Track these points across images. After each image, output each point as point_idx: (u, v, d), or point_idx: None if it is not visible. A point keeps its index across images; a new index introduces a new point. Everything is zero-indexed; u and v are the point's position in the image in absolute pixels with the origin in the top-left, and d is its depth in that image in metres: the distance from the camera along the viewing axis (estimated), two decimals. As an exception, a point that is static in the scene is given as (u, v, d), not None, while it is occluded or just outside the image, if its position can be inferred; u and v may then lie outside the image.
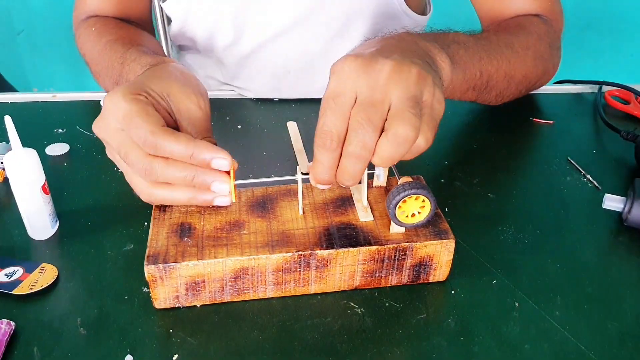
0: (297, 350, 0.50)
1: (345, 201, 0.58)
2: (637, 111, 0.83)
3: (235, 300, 0.54)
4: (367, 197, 0.58)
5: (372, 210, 0.57)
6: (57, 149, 0.74)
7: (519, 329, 0.52)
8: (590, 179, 0.71)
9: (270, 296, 0.55)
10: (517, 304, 0.55)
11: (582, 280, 0.57)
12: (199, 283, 0.52)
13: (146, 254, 0.52)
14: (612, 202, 0.63)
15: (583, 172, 0.72)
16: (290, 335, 0.51)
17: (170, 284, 0.52)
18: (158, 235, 0.54)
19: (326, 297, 0.55)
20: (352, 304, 0.54)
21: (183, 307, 0.54)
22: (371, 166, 0.58)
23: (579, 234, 0.63)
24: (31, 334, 0.51)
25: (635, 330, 0.53)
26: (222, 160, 0.50)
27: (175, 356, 0.49)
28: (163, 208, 0.57)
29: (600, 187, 0.69)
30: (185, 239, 0.53)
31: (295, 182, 0.55)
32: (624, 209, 0.62)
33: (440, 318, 0.53)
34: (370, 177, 0.59)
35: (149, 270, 0.51)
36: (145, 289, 0.55)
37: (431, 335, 0.52)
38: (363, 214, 0.56)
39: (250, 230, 0.54)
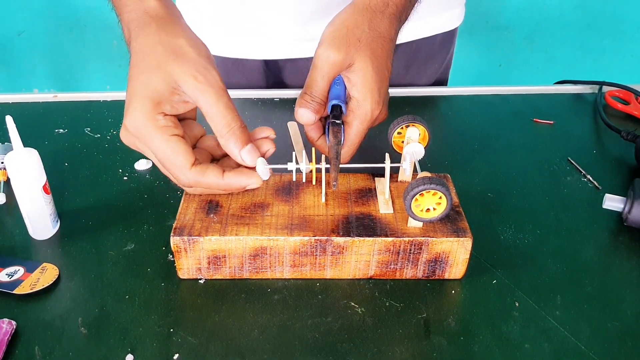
0: (298, 350, 0.50)
1: (367, 192, 0.59)
2: (637, 111, 0.83)
3: (254, 277, 0.56)
4: (391, 191, 0.59)
5: (393, 203, 0.58)
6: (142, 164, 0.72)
7: (519, 329, 0.52)
8: (591, 179, 0.71)
9: (287, 277, 0.56)
10: (517, 304, 0.55)
11: (582, 280, 0.58)
12: (220, 258, 0.55)
13: (173, 226, 0.54)
14: (612, 202, 0.63)
15: (583, 172, 0.72)
16: (291, 334, 0.51)
17: (193, 256, 0.54)
18: (187, 209, 0.56)
19: (327, 297, 0.55)
20: (353, 304, 0.54)
21: (205, 279, 0.56)
22: (397, 160, 0.58)
23: (579, 234, 0.63)
24: (32, 333, 0.51)
25: (635, 330, 0.53)
26: (252, 186, 0.56)
27: (176, 355, 0.50)
28: None
29: (600, 187, 0.70)
30: (211, 215, 0.56)
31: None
32: (624, 209, 0.62)
33: (440, 318, 0.53)
34: (396, 170, 0.59)
35: (174, 241, 0.54)
36: (170, 257, 0.58)
37: (431, 335, 0.52)
38: (384, 206, 0.57)
39: (272, 212, 0.56)
